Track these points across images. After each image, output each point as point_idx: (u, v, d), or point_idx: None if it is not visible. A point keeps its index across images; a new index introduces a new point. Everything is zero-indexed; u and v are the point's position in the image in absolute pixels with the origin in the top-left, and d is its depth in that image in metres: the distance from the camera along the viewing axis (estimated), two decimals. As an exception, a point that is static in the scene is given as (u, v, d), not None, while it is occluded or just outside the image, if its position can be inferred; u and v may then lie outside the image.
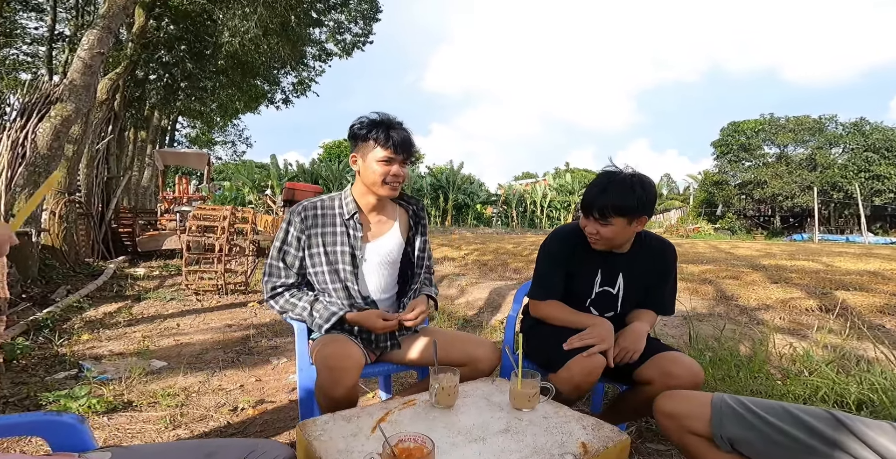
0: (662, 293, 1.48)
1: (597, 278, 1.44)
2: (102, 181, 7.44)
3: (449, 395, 1.09)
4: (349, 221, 1.39)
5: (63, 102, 4.92)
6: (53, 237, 5.30)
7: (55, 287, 4.27)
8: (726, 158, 22.71)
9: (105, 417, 1.61)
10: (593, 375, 1.23)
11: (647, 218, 1.32)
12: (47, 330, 2.79)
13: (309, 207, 1.40)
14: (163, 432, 1.54)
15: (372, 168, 1.34)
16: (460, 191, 21.96)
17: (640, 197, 1.27)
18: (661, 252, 1.46)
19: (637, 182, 1.28)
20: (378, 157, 1.33)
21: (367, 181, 1.37)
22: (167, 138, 12.77)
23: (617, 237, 1.33)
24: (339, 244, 1.38)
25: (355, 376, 1.19)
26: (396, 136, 1.33)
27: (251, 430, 1.60)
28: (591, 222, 1.33)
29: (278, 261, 1.39)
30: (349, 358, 1.19)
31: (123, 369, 2.13)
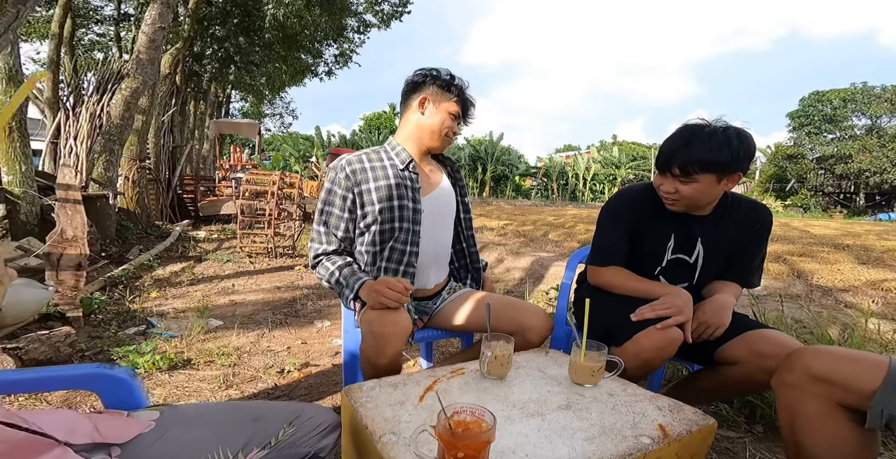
0: (750, 264, 1.23)
1: (669, 243, 1.21)
2: (168, 150, 7.71)
3: (502, 365, 0.98)
4: (404, 171, 1.25)
5: (131, 75, 5.00)
6: (128, 200, 5.58)
7: (130, 247, 4.51)
8: (804, 131, 20.38)
9: (167, 374, 1.66)
10: (667, 350, 1.05)
11: (741, 176, 1.09)
12: (121, 287, 2.94)
13: (354, 160, 1.25)
14: (216, 391, 1.56)
15: (440, 117, 1.25)
16: (499, 162, 21.37)
17: (737, 150, 1.03)
18: (753, 217, 1.20)
19: (733, 134, 1.05)
20: (451, 109, 1.26)
21: (425, 128, 1.26)
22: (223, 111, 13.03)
23: (701, 197, 1.10)
24: (397, 198, 1.22)
25: (400, 343, 1.08)
26: (470, 102, 1.30)
27: (297, 393, 1.60)
28: (668, 180, 1.11)
29: (319, 225, 1.25)
30: (394, 324, 1.07)
31: (185, 326, 2.20)
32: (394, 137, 1.35)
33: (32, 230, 3.44)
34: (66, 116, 5.69)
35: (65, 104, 5.78)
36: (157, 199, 6.68)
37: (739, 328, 1.10)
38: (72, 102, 5.68)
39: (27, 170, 3.47)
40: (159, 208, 6.75)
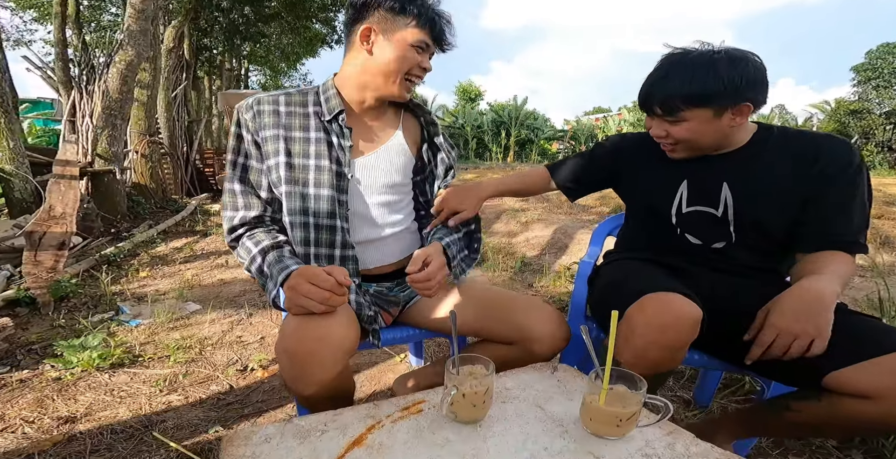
0: (835, 215, 0.80)
1: (679, 192, 0.90)
2: (184, 125, 7.42)
3: (475, 406, 0.61)
4: (331, 124, 0.86)
5: (124, 48, 4.60)
6: (139, 175, 5.37)
7: (141, 222, 4.32)
8: (871, 84, 18.44)
9: (107, 373, 1.36)
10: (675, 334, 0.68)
11: (752, 107, 0.79)
12: (113, 266, 2.69)
13: (266, 99, 0.87)
14: (155, 397, 1.26)
15: (396, 53, 0.83)
16: (523, 127, 20.23)
17: (728, 76, 0.75)
18: (813, 149, 0.81)
19: (722, 57, 0.77)
20: (412, 39, 0.83)
21: (373, 71, 0.85)
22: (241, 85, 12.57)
23: (700, 138, 0.82)
24: (315, 156, 0.84)
25: (332, 366, 0.71)
26: (443, 16, 0.86)
27: (252, 399, 1.28)
28: (655, 122, 0.86)
29: (233, 182, 0.86)
30: (319, 340, 0.70)
31: (158, 312, 1.91)
32: (337, 74, 0.91)
33: (29, 208, 3.24)
34: (80, 95, 5.43)
35: (77, 83, 5.51)
36: (174, 173, 6.47)
37: (871, 343, 0.66)
38: (85, 80, 5.40)
39: (16, 146, 3.21)
40: (177, 183, 6.56)
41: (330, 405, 0.74)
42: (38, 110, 12.64)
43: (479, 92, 25.36)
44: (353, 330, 0.75)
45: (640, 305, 0.71)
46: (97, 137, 4.50)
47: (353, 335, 0.74)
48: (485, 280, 2.10)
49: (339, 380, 0.74)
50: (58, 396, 1.22)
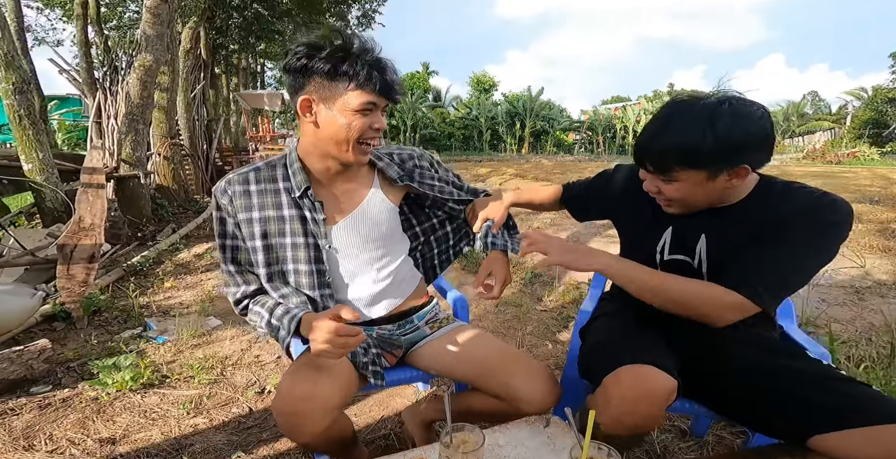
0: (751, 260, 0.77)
1: (664, 238, 0.89)
2: (203, 124, 7.59)
3: None
4: (302, 199, 0.90)
5: (142, 53, 4.71)
6: (162, 178, 5.55)
7: (165, 225, 4.50)
8: None
9: (139, 394, 1.48)
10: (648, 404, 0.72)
11: (750, 169, 0.74)
12: (140, 276, 2.85)
13: (235, 180, 0.90)
14: (184, 419, 1.37)
15: (341, 121, 0.82)
16: (538, 118, 19.94)
17: (728, 136, 0.70)
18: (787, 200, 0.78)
19: (723, 113, 0.71)
20: (355, 104, 0.81)
21: (331, 140, 0.85)
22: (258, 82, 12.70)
23: (693, 199, 0.79)
24: (290, 234, 0.89)
25: (321, 422, 0.79)
26: (389, 68, 0.83)
27: (270, 423, 1.37)
28: (649, 177, 0.82)
29: (228, 263, 0.92)
30: (308, 401, 0.78)
31: (181, 329, 2.03)
32: (297, 147, 0.93)
33: (60, 217, 3.42)
34: (105, 96, 5.60)
35: (102, 84, 5.67)
36: (195, 173, 6.66)
37: (860, 412, 0.68)
38: (109, 82, 5.56)
39: (45, 157, 3.37)
40: (199, 182, 6.75)
41: (331, 446, 0.86)
42: (67, 106, 13.05)
43: (493, 83, 24.96)
44: (340, 388, 0.82)
45: (616, 376, 0.75)
46: (122, 141, 4.66)
47: (339, 393, 0.82)
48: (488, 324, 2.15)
49: (332, 429, 0.83)
50: (97, 417, 1.35)
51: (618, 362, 0.77)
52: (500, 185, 7.28)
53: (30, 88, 3.49)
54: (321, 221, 0.89)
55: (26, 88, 3.38)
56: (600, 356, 0.86)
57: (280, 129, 9.79)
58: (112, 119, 5.34)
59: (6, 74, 3.16)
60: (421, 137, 19.73)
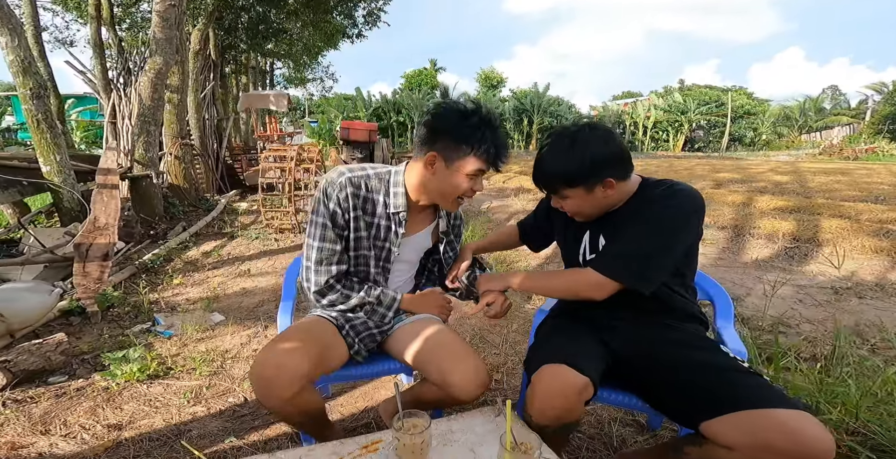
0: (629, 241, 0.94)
1: (584, 242, 1.07)
2: (213, 124, 7.76)
3: (413, 452, 0.78)
4: (395, 216, 1.09)
5: (152, 56, 4.86)
6: (173, 177, 5.73)
7: (176, 223, 4.67)
8: None
9: (145, 385, 1.61)
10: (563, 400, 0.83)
11: (615, 180, 0.93)
12: (151, 273, 3.00)
13: (356, 181, 1.05)
14: (184, 407, 1.49)
15: (454, 181, 0.99)
16: (546, 114, 19.81)
17: (581, 158, 0.91)
18: (647, 196, 0.98)
19: (573, 141, 0.92)
20: (470, 169, 0.98)
21: (434, 191, 1.04)
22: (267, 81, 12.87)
23: (588, 208, 0.99)
24: (374, 238, 1.10)
25: (287, 389, 0.91)
26: (503, 145, 0.99)
27: (262, 411, 1.49)
28: (552, 197, 1.04)
29: (333, 242, 1.06)
30: (278, 368, 0.91)
31: (187, 324, 2.17)
32: (407, 168, 1.08)
33: (77, 216, 3.59)
34: (119, 97, 5.78)
35: (116, 85, 5.85)
36: (205, 172, 6.84)
37: (741, 398, 0.75)
38: (122, 83, 5.73)
39: (62, 159, 3.54)
40: (209, 181, 6.94)
41: (301, 418, 0.98)
42: (84, 104, 13.40)
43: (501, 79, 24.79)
44: (310, 360, 0.94)
45: (538, 374, 0.86)
46: (135, 142, 4.83)
47: (308, 364, 0.93)
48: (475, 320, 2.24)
49: (300, 399, 0.94)
50: (107, 405, 1.48)
51: (542, 361, 0.86)
52: (504, 183, 7.32)
53: (46, 93, 3.65)
54: (400, 234, 1.10)
55: (43, 92, 3.54)
56: (535, 354, 0.96)
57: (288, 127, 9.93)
58: (126, 119, 5.51)
59: (23, 79, 3.31)
60: (427, 133, 19.70)
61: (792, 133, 21.22)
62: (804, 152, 15.92)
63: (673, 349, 0.91)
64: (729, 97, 20.76)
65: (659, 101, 20.65)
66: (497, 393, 1.64)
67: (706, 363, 0.85)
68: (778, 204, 4.21)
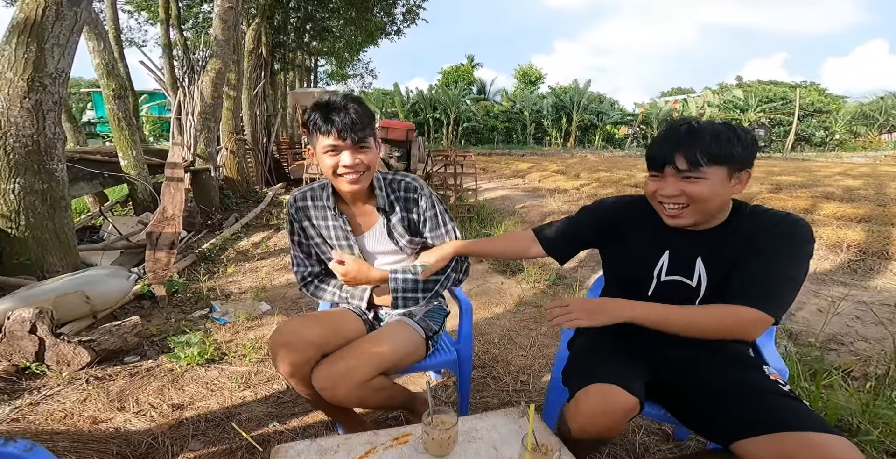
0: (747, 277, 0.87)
1: (661, 262, 0.96)
2: (264, 119, 8.13)
3: (440, 446, 0.83)
4: (336, 216, 1.20)
5: (214, 57, 5.14)
6: (228, 170, 6.08)
7: (230, 214, 4.98)
8: None
9: (203, 368, 1.77)
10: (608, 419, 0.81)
11: (750, 175, 0.88)
12: (209, 262, 3.24)
13: (299, 198, 1.22)
14: (235, 392, 1.63)
15: (321, 161, 1.09)
16: (586, 111, 19.15)
17: (746, 140, 0.84)
18: (770, 225, 0.88)
19: (738, 127, 0.87)
20: (322, 147, 1.06)
21: (325, 175, 1.14)
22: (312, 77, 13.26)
23: (712, 199, 0.86)
24: (335, 238, 1.21)
25: (298, 354, 1.01)
26: (338, 118, 1.02)
27: (301, 400, 1.59)
28: (668, 182, 0.87)
29: (296, 251, 1.28)
30: (292, 334, 1.03)
31: (239, 310, 2.33)
32: None
33: (148, 207, 3.92)
34: (184, 94, 6.18)
35: (181, 83, 6.25)
36: (255, 166, 7.21)
37: (776, 421, 0.74)
38: (187, 81, 6.12)
39: (137, 154, 3.87)
40: (259, 174, 7.31)
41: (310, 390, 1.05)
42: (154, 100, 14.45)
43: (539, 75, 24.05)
44: (321, 331, 1.05)
45: (585, 392, 0.84)
46: (197, 137, 5.17)
47: (319, 333, 1.04)
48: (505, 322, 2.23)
49: (310, 368, 1.02)
50: (171, 385, 1.64)
51: (589, 379, 0.86)
52: (539, 182, 7.17)
53: (126, 93, 3.98)
54: (348, 231, 1.19)
55: (124, 93, 3.87)
56: (577, 370, 0.96)
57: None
58: (190, 116, 5.91)
59: (108, 81, 3.63)
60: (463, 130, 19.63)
61: (871, 133, 19.16)
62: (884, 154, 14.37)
63: (712, 368, 0.90)
64: (797, 93, 18.97)
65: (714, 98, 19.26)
66: (522, 395, 1.66)
67: (745, 384, 0.84)
68: (846, 212, 3.86)
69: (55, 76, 2.30)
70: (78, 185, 3.58)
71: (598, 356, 0.98)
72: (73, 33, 2.36)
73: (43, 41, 2.22)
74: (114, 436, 1.34)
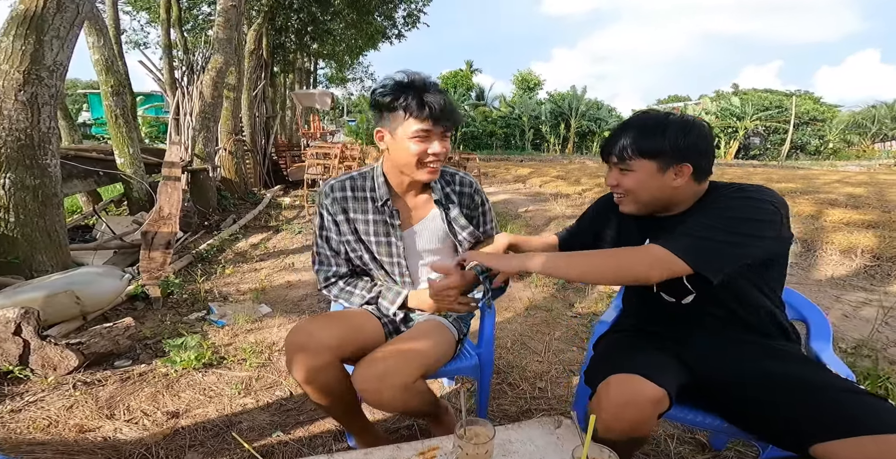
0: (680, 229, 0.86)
1: None
2: (263, 121, 8.06)
3: None
4: (383, 207, 1.09)
5: (215, 55, 5.08)
6: (226, 171, 5.99)
7: (228, 215, 4.88)
8: None
9: (200, 373, 1.66)
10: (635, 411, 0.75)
11: (690, 168, 0.86)
12: (207, 262, 3.13)
13: (337, 187, 1.11)
14: (235, 398, 1.52)
15: (404, 146, 0.99)
16: (584, 117, 19.28)
17: (674, 135, 0.85)
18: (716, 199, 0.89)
19: (676, 120, 0.87)
20: (410, 132, 0.97)
21: (397, 164, 1.04)
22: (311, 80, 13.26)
23: (643, 190, 0.89)
24: (374, 234, 1.11)
25: (313, 358, 0.92)
26: (434, 101, 0.95)
27: (307, 407, 1.50)
28: (611, 173, 0.94)
29: (324, 248, 1.14)
30: (308, 336, 0.94)
31: (238, 312, 2.23)
32: (382, 163, 1.11)
33: (144, 206, 3.82)
34: (183, 95, 6.11)
35: (180, 83, 6.19)
36: (254, 167, 7.12)
37: (864, 422, 0.67)
38: (186, 82, 6.06)
39: (134, 152, 3.77)
40: (257, 176, 7.22)
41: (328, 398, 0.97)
42: (151, 102, 14.37)
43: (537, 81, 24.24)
44: (339, 333, 0.96)
45: (606, 384, 0.79)
46: (196, 137, 5.09)
47: (337, 335, 0.95)
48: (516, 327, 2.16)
49: (325, 373, 0.94)
50: (166, 391, 1.54)
51: (610, 371, 0.79)
52: (540, 187, 7.14)
53: (125, 90, 3.89)
54: (397, 225, 1.09)
55: (122, 90, 3.79)
56: (600, 365, 0.89)
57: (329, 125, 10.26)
58: (188, 116, 5.83)
59: (106, 77, 3.54)
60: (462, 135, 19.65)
61: (863, 142, 19.40)
62: (878, 163, 14.55)
63: (763, 364, 0.83)
64: (793, 102, 19.19)
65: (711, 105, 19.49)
66: (541, 402, 1.57)
67: (816, 381, 0.77)
68: (853, 217, 3.83)
69: (53, 69, 2.22)
70: (71, 182, 3.47)
71: (624, 351, 0.94)
72: (73, 26, 2.29)
73: (42, 33, 2.14)
74: (102, 446, 1.24)
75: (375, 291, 1.12)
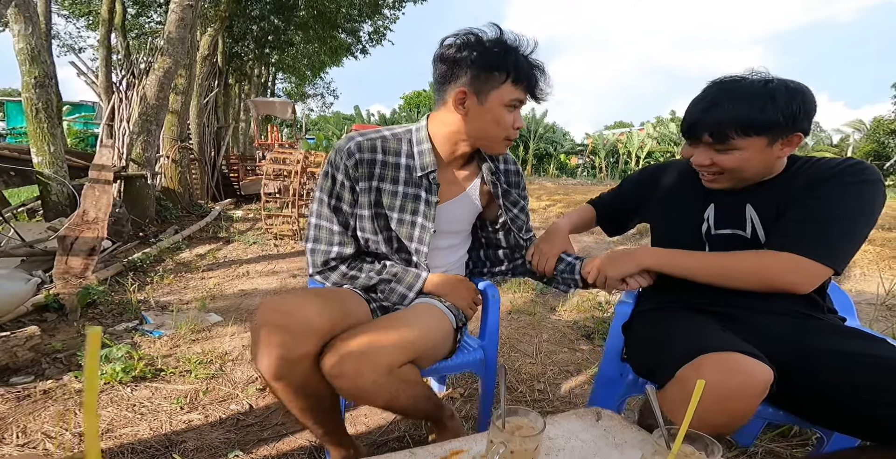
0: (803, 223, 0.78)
1: (707, 214, 0.89)
2: (213, 131, 7.65)
3: None
4: (422, 179, 0.90)
5: (163, 55, 4.79)
6: (169, 180, 5.52)
7: (168, 226, 4.42)
8: None
9: (129, 388, 1.36)
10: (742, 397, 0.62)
11: (801, 137, 0.77)
12: (139, 272, 2.75)
13: (366, 146, 0.88)
14: (176, 414, 1.24)
15: (496, 114, 0.83)
16: (542, 140, 20.24)
17: (786, 106, 0.73)
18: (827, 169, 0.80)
19: (780, 86, 0.75)
20: (507, 98, 0.83)
21: (474, 133, 0.87)
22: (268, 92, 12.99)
23: (748, 168, 0.80)
24: (399, 210, 0.90)
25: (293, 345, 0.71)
26: (539, 74, 0.84)
27: (271, 421, 1.25)
28: (700, 151, 0.82)
29: (329, 220, 0.89)
30: (287, 315, 0.72)
31: (180, 323, 1.92)
32: (429, 121, 0.91)
33: (64, 211, 3.35)
34: (120, 100, 5.66)
35: (118, 88, 5.76)
36: (201, 179, 6.65)
37: None
38: (125, 86, 5.64)
39: (56, 150, 3.35)
40: (204, 188, 6.73)
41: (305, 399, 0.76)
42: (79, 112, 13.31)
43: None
44: (330, 314, 0.76)
45: (696, 366, 0.64)
46: (133, 142, 4.66)
47: (328, 317, 0.75)
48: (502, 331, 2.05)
49: (306, 365, 0.73)
50: (80, 409, 1.22)
51: (697, 350, 0.66)
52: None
53: (50, 83, 3.50)
54: (433, 203, 0.91)
55: (48, 82, 3.39)
56: (668, 347, 0.75)
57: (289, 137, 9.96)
58: (125, 122, 5.38)
59: (30, 67, 3.17)
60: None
61: None
62: None
63: (834, 342, 0.73)
64: None
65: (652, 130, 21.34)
66: (544, 404, 1.44)
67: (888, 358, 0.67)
68: None
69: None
70: (-31, 181, 2.98)
71: (691, 329, 0.79)
72: None
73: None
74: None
75: (390, 272, 0.91)
